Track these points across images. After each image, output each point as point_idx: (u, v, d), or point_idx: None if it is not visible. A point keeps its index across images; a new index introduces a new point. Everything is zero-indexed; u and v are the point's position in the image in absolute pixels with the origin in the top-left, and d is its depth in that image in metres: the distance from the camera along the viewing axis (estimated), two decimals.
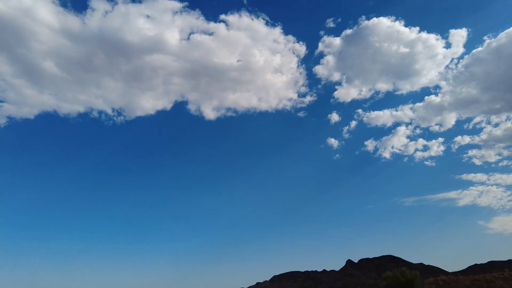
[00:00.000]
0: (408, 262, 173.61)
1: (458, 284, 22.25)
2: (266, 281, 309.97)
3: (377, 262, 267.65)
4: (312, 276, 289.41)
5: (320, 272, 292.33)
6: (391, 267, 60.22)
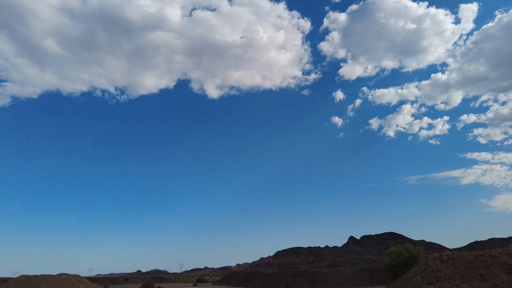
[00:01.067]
0: (409, 239, 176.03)
1: (462, 260, 22.39)
2: (270, 256, 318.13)
3: (379, 238, 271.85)
4: (314, 251, 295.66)
5: (323, 248, 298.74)
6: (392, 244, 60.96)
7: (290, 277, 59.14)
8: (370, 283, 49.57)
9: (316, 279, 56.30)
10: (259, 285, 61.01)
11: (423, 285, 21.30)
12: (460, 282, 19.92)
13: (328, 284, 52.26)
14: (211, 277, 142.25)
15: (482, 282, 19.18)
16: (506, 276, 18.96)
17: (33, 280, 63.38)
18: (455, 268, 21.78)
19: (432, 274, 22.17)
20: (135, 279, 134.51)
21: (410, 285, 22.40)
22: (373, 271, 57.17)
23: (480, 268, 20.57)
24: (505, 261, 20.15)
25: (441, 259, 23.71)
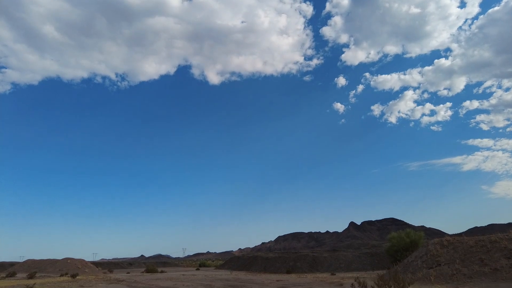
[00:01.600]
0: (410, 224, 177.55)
1: (462, 245, 22.66)
2: (271, 241, 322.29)
3: (379, 224, 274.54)
4: (315, 236, 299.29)
5: (323, 233, 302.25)
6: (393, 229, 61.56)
7: (291, 261, 60.02)
8: (370, 268, 50.29)
9: (317, 263, 57.14)
10: (260, 269, 62.00)
11: (423, 269, 21.63)
12: (460, 266, 20.22)
13: (329, 268, 53.06)
14: (213, 261, 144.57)
15: (482, 267, 19.46)
16: (505, 260, 19.23)
17: (39, 264, 64.68)
18: (455, 253, 22.07)
19: (433, 258, 22.49)
20: (139, 263, 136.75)
21: (410, 270, 22.75)
22: (373, 256, 57.94)
23: (480, 253, 20.84)
24: (505, 246, 20.39)
25: (441, 244, 24.00)
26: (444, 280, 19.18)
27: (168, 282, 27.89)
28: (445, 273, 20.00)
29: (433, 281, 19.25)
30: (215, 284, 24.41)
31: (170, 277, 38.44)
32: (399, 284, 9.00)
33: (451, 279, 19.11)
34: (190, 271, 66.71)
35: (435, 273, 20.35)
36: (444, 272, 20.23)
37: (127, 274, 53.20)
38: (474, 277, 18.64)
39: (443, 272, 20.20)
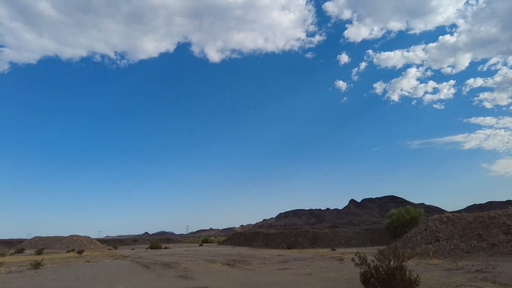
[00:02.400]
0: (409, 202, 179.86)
1: (461, 221, 22.97)
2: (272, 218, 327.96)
3: (379, 201, 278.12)
4: (316, 213, 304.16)
5: (324, 210, 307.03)
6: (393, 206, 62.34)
7: (292, 237, 61.21)
8: (370, 244, 51.28)
9: (317, 239, 58.27)
10: (262, 244, 63.33)
11: (422, 244, 22.05)
12: (458, 241, 20.58)
13: (329, 244, 54.13)
14: (216, 237, 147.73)
15: (480, 242, 19.81)
16: (503, 236, 19.54)
17: (46, 241, 66.21)
18: (454, 228, 22.42)
19: (432, 234, 22.87)
20: (143, 240, 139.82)
21: (409, 245, 23.20)
22: (373, 232, 58.96)
23: (478, 229, 21.16)
24: (503, 222, 20.67)
25: (441, 220, 24.34)
26: (442, 255, 19.58)
27: (172, 258, 28.58)
28: (443, 248, 20.39)
29: (432, 255, 19.67)
30: (218, 259, 25.04)
31: (173, 252, 39.37)
32: (399, 259, 9.17)
33: (449, 254, 19.50)
34: (193, 247, 68.28)
35: (434, 248, 20.75)
36: (443, 247, 20.62)
37: (131, 251, 54.47)
38: (472, 251, 19.01)
39: (442, 247, 20.59)
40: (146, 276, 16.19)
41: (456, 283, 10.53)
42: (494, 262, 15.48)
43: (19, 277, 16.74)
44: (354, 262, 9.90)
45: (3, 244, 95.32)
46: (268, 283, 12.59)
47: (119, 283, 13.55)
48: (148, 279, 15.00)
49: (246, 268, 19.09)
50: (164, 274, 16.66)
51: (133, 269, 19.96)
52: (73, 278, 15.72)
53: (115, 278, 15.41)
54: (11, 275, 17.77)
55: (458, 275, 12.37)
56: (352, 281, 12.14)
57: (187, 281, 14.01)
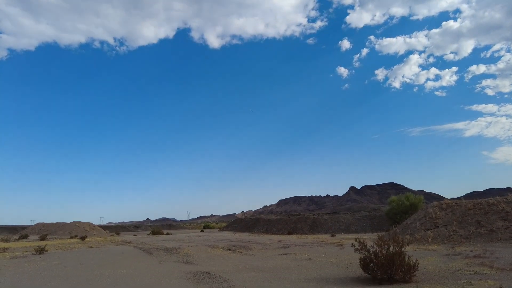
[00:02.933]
0: (409, 189, 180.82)
1: (461, 207, 23.14)
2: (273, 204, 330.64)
3: (379, 188, 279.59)
4: (316, 200, 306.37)
5: (324, 197, 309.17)
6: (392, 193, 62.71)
7: (292, 223, 61.81)
8: (369, 230, 51.78)
9: (317, 225, 58.85)
10: (262, 230, 64.03)
11: (421, 231, 22.27)
12: (457, 228, 20.78)
13: (329, 230, 54.69)
14: (217, 223, 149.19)
15: (478, 228, 20.00)
16: (501, 222, 19.71)
17: (49, 227, 66.96)
18: (453, 215, 22.60)
19: (431, 221, 23.08)
20: (145, 226, 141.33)
21: (409, 231, 23.43)
22: (373, 219, 59.47)
23: (477, 215, 21.33)
24: (502, 209, 20.81)
25: (440, 207, 24.51)
26: (441, 241, 19.79)
27: (173, 243, 28.96)
28: (442, 234, 20.60)
29: (430, 241, 19.89)
30: (220, 244, 25.38)
31: (175, 238, 39.87)
32: (398, 244, 9.28)
33: (447, 240, 19.72)
34: (194, 233, 69.05)
35: (433, 234, 20.97)
36: (441, 233, 20.83)
37: (133, 237, 55.13)
38: (470, 238, 19.22)
39: (440, 234, 20.81)
40: (149, 261, 16.45)
41: (454, 268, 10.69)
42: (492, 248, 15.66)
43: (24, 262, 17.02)
44: (354, 247, 10.02)
45: (7, 230, 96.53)
46: (269, 268, 12.79)
47: (122, 268, 13.77)
48: (151, 264, 15.24)
49: (247, 253, 19.37)
50: (166, 260, 16.92)
51: (135, 254, 20.26)
52: (77, 263, 15.98)
53: (118, 264, 15.66)
54: (16, 260, 18.07)
55: (456, 260, 12.54)
56: (352, 266, 12.32)
57: (189, 266, 14.24)
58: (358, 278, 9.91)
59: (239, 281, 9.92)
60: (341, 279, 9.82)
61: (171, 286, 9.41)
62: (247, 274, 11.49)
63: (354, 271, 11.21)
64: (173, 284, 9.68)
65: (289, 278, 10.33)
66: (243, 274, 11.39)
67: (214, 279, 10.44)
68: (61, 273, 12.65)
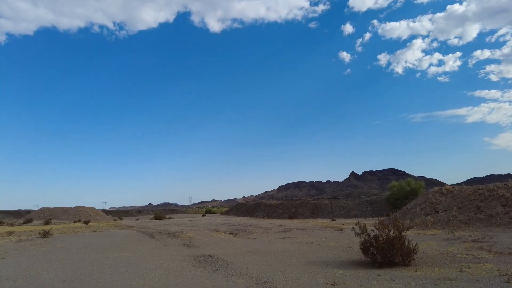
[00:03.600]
0: (410, 175, 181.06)
1: (461, 193, 23.27)
2: (274, 190, 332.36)
3: (380, 174, 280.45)
4: (316, 185, 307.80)
5: (324, 182, 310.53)
6: (393, 179, 62.93)
7: (293, 208, 62.38)
8: (370, 215, 52.23)
9: (318, 210, 59.40)
10: (263, 215, 64.68)
11: (421, 216, 22.46)
12: (457, 213, 20.94)
13: (329, 215, 55.21)
14: (219, 208, 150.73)
15: (478, 213, 20.15)
16: (501, 207, 19.84)
17: (53, 212, 67.78)
18: (453, 200, 22.74)
19: (431, 206, 23.24)
20: (147, 211, 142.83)
21: (409, 216, 23.63)
22: (373, 204, 59.93)
23: (477, 201, 21.46)
24: (502, 194, 20.92)
25: (441, 192, 24.65)
26: (441, 225, 19.99)
27: (176, 227, 29.32)
28: (442, 219, 20.79)
29: (430, 226, 20.09)
30: (221, 228, 25.71)
31: (178, 222, 40.34)
32: (398, 228, 9.37)
33: (447, 224, 19.91)
34: (196, 217, 69.84)
35: (432, 219, 21.16)
36: (441, 218, 21.01)
37: (136, 221, 55.81)
38: (470, 223, 19.39)
39: (440, 219, 20.99)
40: (152, 245, 16.70)
41: (452, 252, 10.83)
42: (491, 233, 15.82)
43: (30, 245, 17.31)
44: (354, 231, 10.14)
45: (11, 215, 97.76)
46: (270, 251, 12.98)
47: (126, 252, 14.00)
48: (154, 247, 15.48)
49: (249, 237, 19.63)
50: (169, 243, 17.17)
51: (138, 238, 20.55)
52: (81, 246, 16.25)
53: (121, 247, 15.91)
54: (22, 243, 18.37)
55: (455, 244, 12.70)
56: (352, 250, 12.50)
57: (192, 249, 14.46)
58: (358, 261, 10.07)
59: (241, 264, 10.09)
60: (341, 262, 9.98)
61: (174, 268, 9.59)
62: (249, 257, 11.67)
63: (354, 254, 11.38)
64: (176, 267, 9.86)
65: (290, 261, 10.50)
66: (245, 257, 11.58)
67: (217, 262, 10.62)
68: (66, 256, 12.89)
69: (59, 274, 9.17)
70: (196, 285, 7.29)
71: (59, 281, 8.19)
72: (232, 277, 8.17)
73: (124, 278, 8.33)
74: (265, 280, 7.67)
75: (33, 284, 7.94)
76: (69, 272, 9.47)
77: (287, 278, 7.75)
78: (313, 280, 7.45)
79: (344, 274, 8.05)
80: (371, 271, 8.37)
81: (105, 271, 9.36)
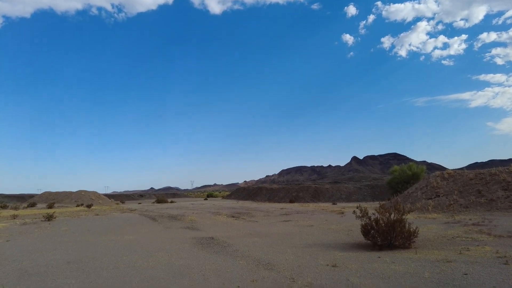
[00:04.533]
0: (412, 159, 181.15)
1: (462, 177, 23.30)
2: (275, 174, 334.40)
3: (381, 159, 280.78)
4: (317, 170, 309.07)
5: (326, 167, 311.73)
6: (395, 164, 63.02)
7: (294, 192, 62.81)
8: (370, 199, 52.58)
9: (319, 194, 59.80)
10: (265, 198, 65.23)
11: (422, 200, 22.58)
12: (457, 197, 21.03)
13: (330, 198, 55.60)
14: (220, 192, 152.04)
15: (478, 197, 20.23)
16: (502, 192, 19.90)
17: (56, 196, 68.49)
18: (454, 185, 22.80)
19: (432, 190, 23.33)
20: (149, 195, 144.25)
21: (410, 200, 23.77)
22: (374, 188, 60.24)
23: (478, 185, 21.51)
24: (503, 179, 20.94)
25: (442, 177, 24.69)
26: (441, 209, 20.11)
27: (178, 211, 29.63)
28: (443, 203, 20.90)
29: (431, 210, 20.22)
30: (223, 211, 25.98)
31: (180, 206, 40.76)
32: (399, 212, 9.42)
33: (448, 208, 20.02)
34: (198, 201, 70.49)
35: (433, 203, 21.27)
36: (442, 202, 21.12)
37: (138, 205, 56.40)
38: (470, 207, 19.49)
39: (441, 203, 21.10)
40: (154, 228, 16.91)
41: (452, 235, 10.92)
42: (491, 217, 15.92)
43: (34, 228, 17.56)
44: (355, 214, 10.20)
45: (15, 199, 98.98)
46: (272, 234, 13.13)
47: (129, 234, 14.18)
48: (156, 230, 15.67)
49: (250, 220, 19.84)
50: (172, 226, 17.38)
51: (141, 221, 20.80)
52: (84, 230, 16.47)
53: (124, 230, 16.12)
54: (27, 226, 18.64)
55: (455, 228, 12.80)
56: (353, 232, 12.62)
57: (194, 232, 14.64)
58: (358, 244, 10.17)
59: (243, 246, 10.22)
60: (342, 245, 10.09)
61: (177, 250, 9.72)
62: (250, 239, 11.81)
63: (355, 237, 11.50)
64: (178, 249, 9.99)
65: (291, 243, 10.63)
66: (247, 239, 11.72)
67: (219, 244, 10.76)
68: (70, 239, 13.08)
69: (64, 255, 9.33)
70: (199, 266, 7.40)
71: (64, 262, 8.33)
72: (234, 258, 8.28)
73: (127, 259, 8.46)
74: (266, 261, 7.77)
75: (38, 265, 8.08)
76: (73, 253, 9.62)
77: (288, 260, 7.85)
78: (314, 262, 7.55)
79: (344, 256, 8.15)
80: (372, 253, 8.46)
81: (108, 253, 9.51)
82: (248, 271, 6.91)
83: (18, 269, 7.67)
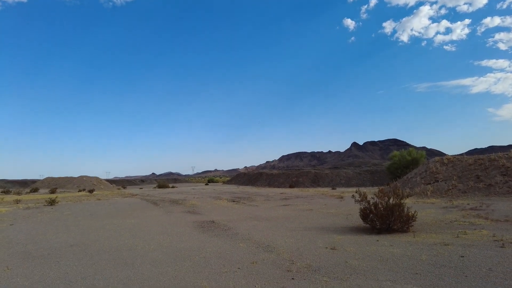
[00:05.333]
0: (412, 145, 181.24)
1: (462, 163, 23.39)
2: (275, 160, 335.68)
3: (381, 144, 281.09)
4: (317, 156, 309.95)
5: (326, 153, 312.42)
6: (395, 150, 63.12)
7: (294, 177, 63.16)
8: (370, 184, 52.90)
9: (319, 179, 60.15)
10: (265, 184, 65.65)
11: (421, 185, 22.73)
12: (456, 182, 21.16)
13: (330, 183, 55.95)
14: (221, 177, 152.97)
15: (477, 183, 20.36)
16: (500, 177, 20.01)
17: (58, 181, 68.98)
18: (453, 170, 22.91)
19: (431, 175, 23.46)
20: (151, 180, 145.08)
21: (409, 185, 23.93)
22: (373, 174, 60.53)
23: (477, 171, 21.61)
24: (502, 164, 21.02)
25: (441, 162, 24.78)
26: (440, 194, 20.26)
27: (179, 195, 29.89)
28: (441, 188, 21.05)
29: (429, 195, 20.38)
30: (224, 196, 26.22)
31: (181, 191, 41.09)
32: (398, 196, 9.50)
33: (446, 193, 20.18)
34: (199, 186, 70.99)
35: (432, 188, 21.42)
36: (441, 187, 21.27)
37: (140, 190, 56.82)
38: (468, 192, 19.64)
39: (440, 188, 21.25)
40: (156, 212, 17.10)
41: (450, 219, 11.05)
42: (489, 201, 16.06)
43: (37, 212, 17.77)
44: (354, 199, 10.30)
45: (18, 184, 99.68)
46: (271, 217, 13.29)
47: (131, 218, 14.36)
48: (158, 214, 15.85)
49: (250, 204, 20.04)
50: (173, 210, 17.57)
51: (143, 206, 21.02)
52: (87, 214, 16.66)
53: (126, 214, 16.31)
54: (30, 210, 18.85)
55: (453, 212, 12.93)
56: (352, 216, 12.76)
57: (195, 215, 14.82)
58: (357, 227, 10.31)
59: (243, 229, 10.36)
60: (341, 228, 10.22)
61: (179, 233, 9.87)
62: (251, 222, 11.97)
63: (353, 221, 11.64)
64: (180, 232, 10.14)
65: (290, 226, 10.77)
66: (247, 223, 11.87)
67: (219, 227, 10.91)
68: (73, 223, 13.25)
69: (67, 239, 9.48)
70: (200, 249, 7.53)
71: (67, 245, 8.47)
72: (235, 241, 8.41)
73: (129, 242, 8.60)
74: (266, 244, 7.90)
75: (42, 248, 8.22)
76: (76, 237, 9.77)
77: (287, 243, 7.98)
78: (313, 245, 7.67)
79: (343, 240, 8.27)
80: (370, 237, 8.58)
81: (111, 236, 9.65)
82: (248, 253, 7.04)
83: (22, 252, 7.82)
